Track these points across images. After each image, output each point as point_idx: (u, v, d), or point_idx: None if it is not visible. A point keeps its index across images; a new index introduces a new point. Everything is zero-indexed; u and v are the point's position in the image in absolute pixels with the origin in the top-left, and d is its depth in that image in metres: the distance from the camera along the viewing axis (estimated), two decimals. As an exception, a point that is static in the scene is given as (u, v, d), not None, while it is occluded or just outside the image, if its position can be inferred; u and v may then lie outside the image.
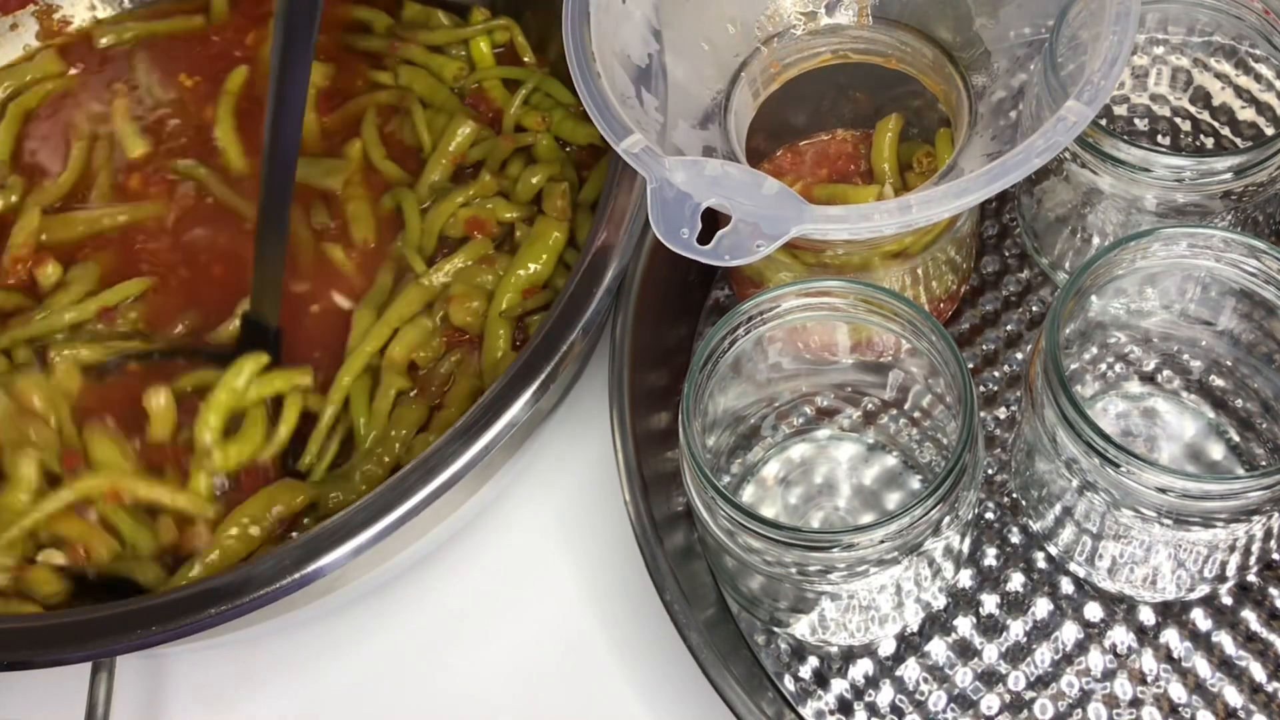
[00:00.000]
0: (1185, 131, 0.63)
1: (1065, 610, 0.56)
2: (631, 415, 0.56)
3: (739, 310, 0.51)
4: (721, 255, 0.48)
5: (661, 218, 0.49)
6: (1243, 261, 0.51)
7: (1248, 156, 0.53)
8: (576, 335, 0.54)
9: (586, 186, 0.65)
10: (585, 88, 0.52)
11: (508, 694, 0.59)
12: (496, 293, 0.61)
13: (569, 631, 0.60)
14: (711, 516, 0.50)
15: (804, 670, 0.56)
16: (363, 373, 0.61)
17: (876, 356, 0.55)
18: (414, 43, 0.71)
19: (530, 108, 0.68)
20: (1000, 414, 0.60)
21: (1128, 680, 0.54)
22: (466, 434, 0.52)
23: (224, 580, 0.51)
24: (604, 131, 0.51)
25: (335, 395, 0.60)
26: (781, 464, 0.59)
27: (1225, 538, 0.50)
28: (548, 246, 0.62)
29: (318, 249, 0.66)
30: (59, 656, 0.51)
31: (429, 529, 0.56)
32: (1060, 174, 0.58)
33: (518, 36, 0.70)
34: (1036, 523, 0.57)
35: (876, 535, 0.47)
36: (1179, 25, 0.60)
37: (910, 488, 0.58)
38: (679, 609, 0.52)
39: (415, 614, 0.62)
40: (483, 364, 0.60)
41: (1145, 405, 0.58)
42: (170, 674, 0.62)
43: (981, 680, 0.55)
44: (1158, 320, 0.56)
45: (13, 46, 0.75)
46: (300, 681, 0.61)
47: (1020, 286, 0.63)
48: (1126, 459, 0.47)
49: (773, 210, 0.48)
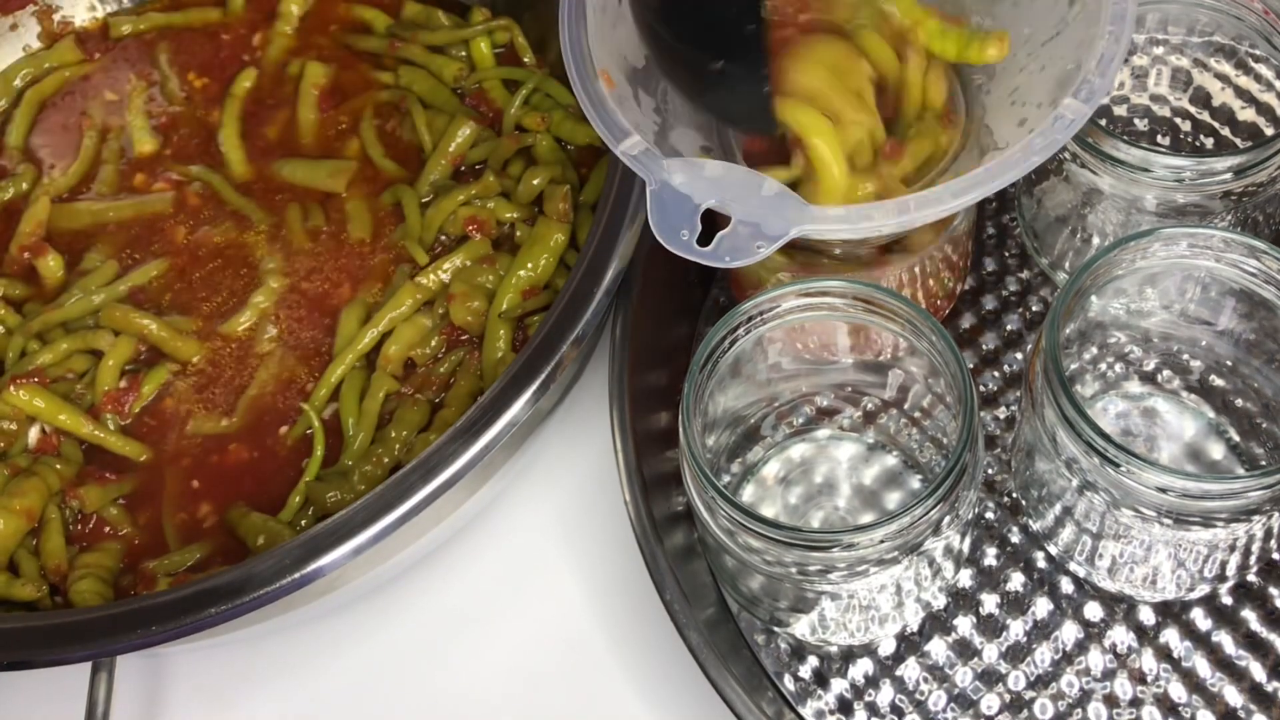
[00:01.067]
0: (1185, 132, 0.63)
1: (1065, 610, 0.56)
2: (631, 415, 0.56)
3: (739, 310, 0.51)
4: (722, 256, 0.48)
5: (661, 219, 0.49)
6: (1243, 261, 0.51)
7: (1248, 157, 0.53)
8: (576, 335, 0.54)
9: (587, 187, 0.65)
10: (582, 89, 0.53)
11: (508, 694, 0.59)
12: (497, 293, 0.61)
13: (569, 631, 0.60)
14: (711, 516, 0.50)
15: (804, 670, 0.56)
16: (353, 372, 0.61)
17: (876, 356, 0.55)
18: (414, 43, 0.71)
19: (530, 108, 0.68)
20: (1000, 414, 0.60)
21: (1128, 680, 0.54)
22: (466, 434, 0.52)
23: (224, 580, 0.51)
24: (602, 133, 0.51)
25: (320, 393, 0.61)
26: (781, 464, 0.59)
27: (1225, 537, 0.50)
28: (549, 248, 0.62)
29: (313, 247, 0.66)
30: (59, 656, 0.51)
31: (429, 529, 0.56)
32: (1060, 174, 0.58)
33: (518, 37, 0.71)
34: (1036, 522, 0.57)
35: (876, 535, 0.47)
36: (1179, 25, 0.60)
37: (910, 487, 0.58)
38: (679, 609, 0.52)
39: (415, 614, 0.62)
40: (483, 364, 0.61)
41: (1145, 405, 0.58)
42: (170, 674, 0.62)
43: (981, 680, 0.55)
44: (1158, 320, 0.56)
45: (12, 46, 0.75)
46: (300, 681, 0.61)
47: (1020, 286, 0.63)
48: (1126, 459, 0.47)
49: (772, 211, 0.48)
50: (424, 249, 0.64)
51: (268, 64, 0.73)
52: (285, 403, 0.62)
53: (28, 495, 0.58)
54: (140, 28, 0.75)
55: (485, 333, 0.61)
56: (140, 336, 0.63)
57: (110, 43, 0.75)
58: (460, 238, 0.64)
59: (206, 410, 0.62)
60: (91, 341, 0.63)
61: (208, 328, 0.64)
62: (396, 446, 0.59)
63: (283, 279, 0.65)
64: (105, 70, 0.74)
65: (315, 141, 0.70)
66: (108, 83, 0.74)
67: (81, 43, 0.75)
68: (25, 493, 0.58)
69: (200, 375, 0.63)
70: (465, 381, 0.60)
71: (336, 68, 0.72)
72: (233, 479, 0.60)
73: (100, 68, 0.74)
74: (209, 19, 0.75)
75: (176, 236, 0.67)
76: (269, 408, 0.62)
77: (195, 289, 0.66)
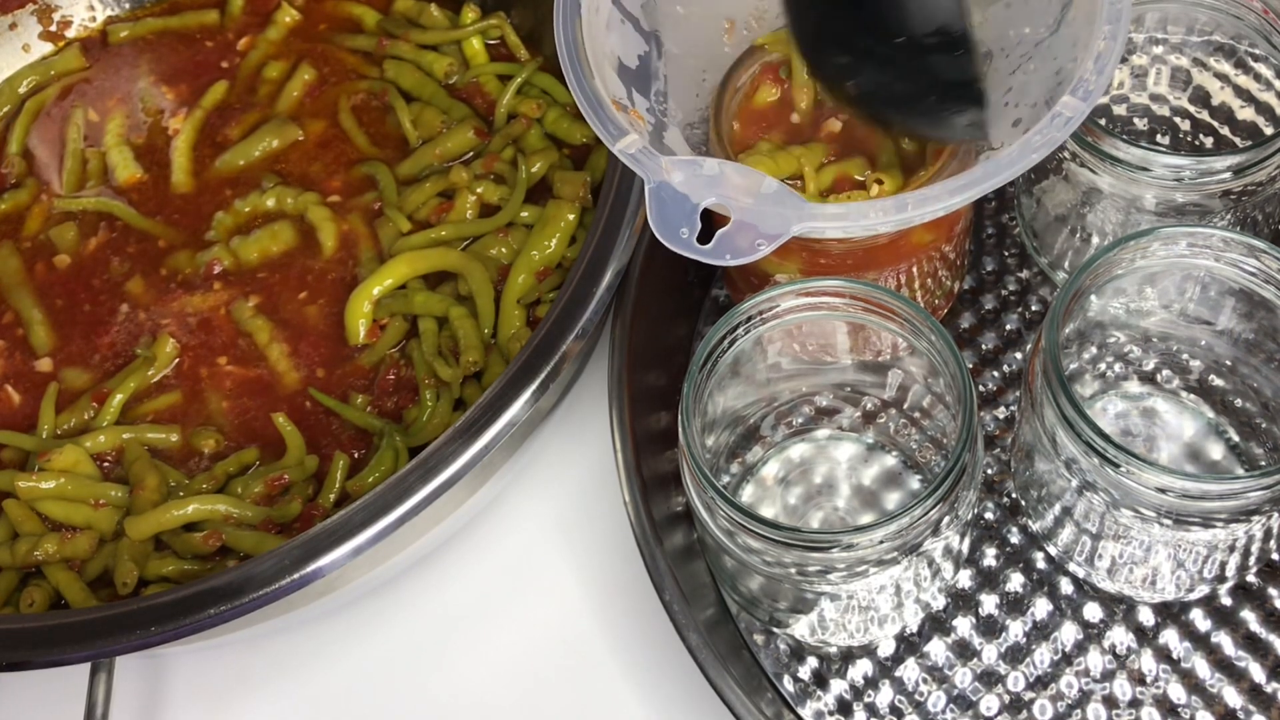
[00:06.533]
0: (1185, 131, 0.63)
1: (1065, 610, 0.56)
2: (631, 415, 0.56)
3: (738, 310, 0.51)
4: (722, 255, 0.48)
5: (660, 218, 0.49)
6: (1242, 261, 0.51)
7: (1247, 156, 0.53)
8: (576, 335, 0.54)
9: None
10: (579, 88, 0.52)
11: (508, 694, 0.59)
12: (509, 276, 0.61)
13: (569, 631, 0.60)
14: (711, 516, 0.50)
15: (803, 671, 0.56)
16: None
17: (875, 356, 0.55)
18: (405, 41, 0.71)
19: (524, 96, 0.68)
20: (1000, 414, 0.60)
21: (1127, 681, 0.54)
22: (466, 434, 0.53)
23: (224, 580, 0.51)
24: (599, 132, 0.51)
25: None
26: (781, 464, 0.59)
27: (1225, 538, 0.50)
28: (559, 228, 0.62)
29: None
30: (59, 656, 0.51)
31: (429, 529, 0.56)
32: (1059, 173, 0.58)
33: (509, 34, 0.71)
34: (1036, 523, 0.57)
35: (876, 535, 0.47)
36: (1178, 25, 0.60)
37: (910, 488, 0.58)
38: (678, 609, 0.52)
39: (415, 614, 0.62)
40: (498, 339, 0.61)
41: (1145, 405, 0.58)
42: (170, 674, 0.62)
43: (981, 681, 0.55)
44: (1157, 320, 0.56)
45: (12, 46, 0.75)
46: (300, 681, 0.61)
47: (1020, 286, 0.63)
48: (1126, 459, 0.47)
49: (772, 209, 0.48)
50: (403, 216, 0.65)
51: (246, 68, 0.73)
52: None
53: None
54: (139, 33, 0.75)
55: (499, 320, 0.61)
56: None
57: (103, 50, 0.75)
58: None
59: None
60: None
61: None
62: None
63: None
64: (91, 80, 0.74)
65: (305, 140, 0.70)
66: (93, 93, 0.73)
67: (85, 50, 0.75)
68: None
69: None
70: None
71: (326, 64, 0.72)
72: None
73: (90, 76, 0.74)
74: (206, 22, 0.75)
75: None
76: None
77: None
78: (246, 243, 0.66)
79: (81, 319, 0.66)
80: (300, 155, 0.69)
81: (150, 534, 0.57)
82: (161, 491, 0.59)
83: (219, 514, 0.57)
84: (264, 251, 0.66)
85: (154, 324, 0.65)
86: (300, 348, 0.63)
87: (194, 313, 0.65)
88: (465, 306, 0.61)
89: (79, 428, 0.62)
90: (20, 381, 0.65)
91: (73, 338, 0.65)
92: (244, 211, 0.67)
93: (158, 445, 0.61)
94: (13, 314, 0.66)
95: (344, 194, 0.67)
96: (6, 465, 0.61)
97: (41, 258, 0.68)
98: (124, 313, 0.65)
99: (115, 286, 0.66)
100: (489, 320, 0.61)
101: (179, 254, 0.66)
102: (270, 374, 0.63)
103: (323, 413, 0.61)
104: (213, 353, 0.64)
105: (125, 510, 0.58)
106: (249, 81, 0.72)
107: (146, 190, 0.69)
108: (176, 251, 0.67)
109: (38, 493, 0.58)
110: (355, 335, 0.62)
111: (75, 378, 0.64)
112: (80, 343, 0.65)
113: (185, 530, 0.57)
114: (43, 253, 0.68)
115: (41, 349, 0.65)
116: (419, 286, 0.63)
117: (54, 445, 0.60)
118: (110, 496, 0.59)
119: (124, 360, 0.64)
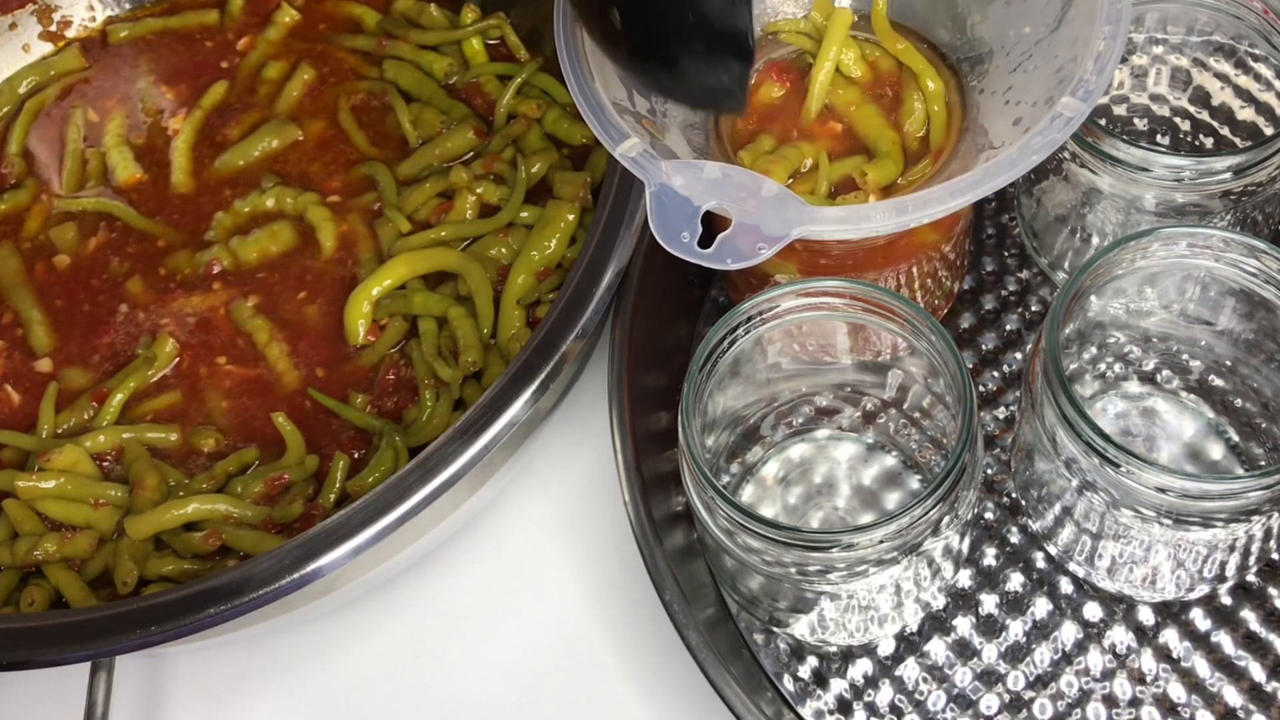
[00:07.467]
0: (1185, 131, 0.63)
1: (1064, 610, 0.56)
2: (631, 415, 0.56)
3: (738, 310, 0.51)
4: (723, 259, 0.48)
5: (661, 222, 0.49)
6: (1242, 261, 0.51)
7: (1247, 156, 0.53)
8: (575, 335, 0.54)
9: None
10: (580, 91, 0.52)
11: (508, 694, 0.59)
12: (509, 276, 0.61)
13: (569, 631, 0.60)
14: (711, 516, 0.50)
15: (803, 670, 0.56)
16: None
17: (875, 356, 0.55)
18: (405, 41, 0.71)
19: (524, 97, 0.68)
20: (1000, 414, 0.60)
21: (1127, 680, 0.54)
22: (466, 434, 0.53)
23: (224, 580, 0.51)
24: (600, 135, 0.51)
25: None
26: (781, 464, 0.59)
27: (1225, 538, 0.50)
28: (559, 228, 0.62)
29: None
30: (59, 656, 0.51)
31: (429, 529, 0.56)
32: (1060, 174, 0.58)
33: (509, 35, 0.71)
34: (1036, 523, 0.57)
35: (876, 535, 0.47)
36: (1178, 25, 0.60)
37: (910, 488, 0.58)
38: (678, 609, 0.52)
39: (415, 614, 0.62)
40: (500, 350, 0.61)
41: (1145, 405, 0.58)
42: (170, 674, 0.62)
43: (981, 680, 0.55)
44: (1157, 320, 0.56)
45: (12, 46, 0.75)
46: (300, 681, 0.61)
47: (1020, 286, 0.63)
48: (1126, 459, 0.47)
49: (773, 212, 0.48)
50: (403, 216, 0.65)
51: (246, 68, 0.73)
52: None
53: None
54: (138, 33, 0.75)
55: (499, 320, 0.61)
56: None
57: (103, 50, 0.75)
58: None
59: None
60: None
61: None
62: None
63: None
64: (91, 80, 0.74)
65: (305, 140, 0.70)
66: (93, 93, 0.73)
67: (85, 50, 0.75)
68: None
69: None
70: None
71: (326, 65, 0.72)
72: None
73: (90, 76, 0.74)
74: (205, 22, 0.75)
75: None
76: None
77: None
78: (246, 243, 0.66)
79: (81, 319, 0.66)
80: (300, 155, 0.69)
81: (150, 533, 0.57)
82: (161, 491, 0.59)
83: (219, 514, 0.57)
84: (263, 251, 0.66)
85: (153, 324, 0.65)
86: (300, 348, 0.63)
87: (193, 313, 0.65)
88: (465, 307, 0.61)
89: (79, 427, 0.62)
90: (20, 381, 0.65)
91: (72, 338, 0.65)
92: (243, 212, 0.67)
93: (157, 445, 0.61)
94: (12, 314, 0.66)
95: (343, 194, 0.67)
96: (6, 465, 0.61)
97: (41, 258, 0.68)
98: (123, 313, 0.65)
99: (115, 286, 0.66)
100: (488, 320, 0.61)
101: (178, 254, 0.66)
102: (270, 374, 0.63)
103: (322, 413, 0.61)
104: (212, 352, 0.64)
105: (125, 510, 0.58)
106: (248, 82, 0.72)
107: (146, 190, 0.69)
108: (176, 251, 0.67)
109: (38, 492, 0.58)
110: (355, 335, 0.62)
111: (75, 377, 0.64)
112: (80, 343, 0.65)
113: (185, 530, 0.58)
114: (42, 253, 0.68)
115: (41, 349, 0.65)
116: (418, 287, 0.63)
117: (54, 445, 0.60)
118: (110, 496, 0.59)
119: (124, 360, 0.64)
